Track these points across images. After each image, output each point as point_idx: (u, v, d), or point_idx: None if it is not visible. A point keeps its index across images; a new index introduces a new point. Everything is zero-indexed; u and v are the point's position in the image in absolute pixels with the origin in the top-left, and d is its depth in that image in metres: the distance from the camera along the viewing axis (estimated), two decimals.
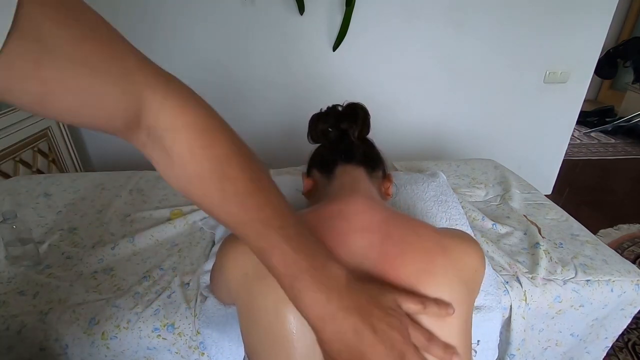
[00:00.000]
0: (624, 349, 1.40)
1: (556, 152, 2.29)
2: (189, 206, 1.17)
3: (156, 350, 0.81)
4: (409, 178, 1.18)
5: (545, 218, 1.15)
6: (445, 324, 0.49)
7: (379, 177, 0.72)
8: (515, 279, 0.90)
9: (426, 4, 1.85)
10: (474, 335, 0.84)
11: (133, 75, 0.33)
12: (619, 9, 2.02)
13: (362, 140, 0.74)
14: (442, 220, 1.02)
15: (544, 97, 2.10)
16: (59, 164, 1.93)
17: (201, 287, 0.86)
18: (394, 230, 0.54)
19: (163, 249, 1.01)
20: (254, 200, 0.39)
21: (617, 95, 4.03)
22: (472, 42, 1.95)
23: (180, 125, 0.36)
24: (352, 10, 1.80)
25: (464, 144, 2.22)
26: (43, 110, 0.30)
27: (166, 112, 0.35)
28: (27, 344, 0.79)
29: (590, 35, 1.95)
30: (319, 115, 0.75)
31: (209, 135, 0.37)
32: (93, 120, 0.33)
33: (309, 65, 1.98)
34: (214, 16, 1.84)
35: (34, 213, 1.17)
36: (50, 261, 0.96)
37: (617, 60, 3.48)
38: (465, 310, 0.52)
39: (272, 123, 2.10)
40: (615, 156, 3.12)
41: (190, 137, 0.36)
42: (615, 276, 0.91)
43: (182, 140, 0.36)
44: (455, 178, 1.37)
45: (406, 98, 2.09)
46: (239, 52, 1.93)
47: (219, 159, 0.37)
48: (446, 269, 0.52)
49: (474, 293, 0.58)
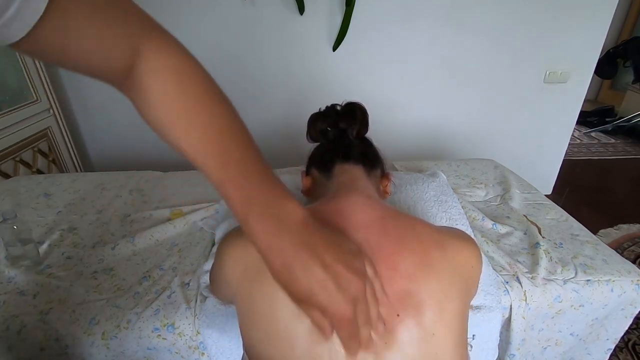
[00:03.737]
0: (624, 349, 1.40)
1: (556, 152, 2.29)
2: (189, 206, 1.18)
3: (156, 351, 0.81)
4: (409, 178, 1.19)
5: (545, 218, 1.15)
6: (442, 318, 0.49)
7: (377, 175, 0.72)
8: (515, 279, 0.90)
9: (426, 4, 1.85)
10: (472, 332, 0.85)
11: (134, 25, 0.39)
12: (619, 9, 2.02)
13: (361, 139, 0.74)
14: (442, 220, 1.02)
15: (544, 97, 2.10)
16: (59, 164, 1.93)
17: (201, 287, 0.86)
18: (391, 226, 0.54)
19: (163, 249, 1.01)
20: (216, 132, 0.42)
21: (617, 95, 4.03)
22: (472, 42, 1.95)
23: (161, 66, 0.41)
24: (352, 10, 1.80)
25: (464, 144, 2.22)
26: (63, 58, 0.36)
27: (151, 58, 0.40)
28: (27, 344, 0.79)
29: (590, 35, 1.95)
30: (317, 114, 0.75)
31: (184, 76, 0.42)
32: (98, 64, 0.38)
33: (309, 65, 1.98)
34: (213, 16, 1.84)
35: (34, 213, 1.17)
36: (50, 261, 0.96)
37: (617, 60, 3.47)
38: (460, 305, 0.53)
39: (272, 123, 2.10)
40: (615, 156, 3.12)
41: (168, 77, 0.41)
42: (616, 276, 0.91)
43: (159, 80, 0.41)
44: (455, 178, 1.37)
45: (406, 98, 2.09)
46: (239, 52, 1.93)
47: (190, 96, 0.42)
48: (443, 263, 0.52)
49: (471, 290, 0.59)
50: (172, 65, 0.41)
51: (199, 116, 0.42)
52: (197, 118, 0.42)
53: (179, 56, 0.42)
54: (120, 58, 0.38)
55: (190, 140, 0.42)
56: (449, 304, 0.50)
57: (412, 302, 0.48)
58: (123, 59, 0.39)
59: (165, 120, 0.42)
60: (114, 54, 0.38)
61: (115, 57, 0.38)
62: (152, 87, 0.40)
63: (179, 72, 0.41)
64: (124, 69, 0.39)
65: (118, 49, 0.38)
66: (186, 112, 0.42)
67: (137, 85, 0.41)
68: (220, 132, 0.42)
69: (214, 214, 1.13)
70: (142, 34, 0.39)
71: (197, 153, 0.42)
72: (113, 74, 0.40)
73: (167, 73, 0.41)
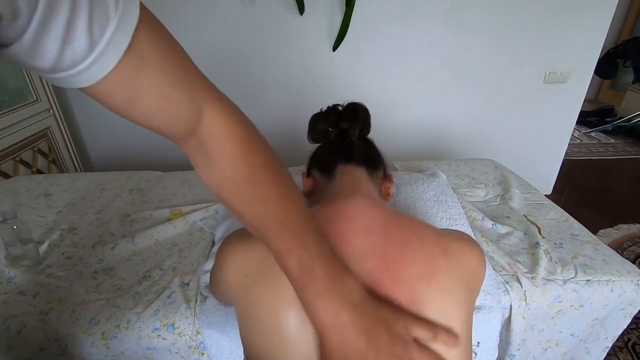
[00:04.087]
0: (624, 349, 1.40)
1: (556, 152, 2.29)
2: (189, 206, 1.18)
3: (156, 351, 0.81)
4: (409, 178, 1.19)
5: (545, 218, 1.15)
6: (447, 326, 0.49)
7: (379, 177, 0.71)
8: (515, 279, 0.90)
9: (426, 4, 1.85)
10: (474, 337, 0.85)
11: (198, 89, 0.40)
12: (619, 9, 2.02)
13: (363, 140, 0.73)
14: (442, 220, 1.02)
15: (544, 97, 2.10)
16: (59, 164, 1.93)
17: (201, 287, 0.86)
18: (395, 231, 0.54)
19: (163, 249, 1.01)
20: (279, 204, 0.43)
21: (617, 95, 4.02)
22: (472, 42, 1.95)
23: (226, 134, 0.42)
24: (352, 11, 1.80)
25: (464, 144, 2.22)
26: (128, 110, 0.36)
27: (216, 122, 0.41)
28: (27, 344, 0.79)
29: (590, 35, 1.95)
30: (319, 115, 0.74)
31: (248, 144, 0.43)
32: (164, 122, 0.39)
33: (309, 65, 1.98)
34: (213, 16, 1.84)
35: (34, 213, 1.17)
36: (50, 261, 0.96)
37: (617, 60, 3.47)
38: (466, 312, 0.52)
39: (272, 123, 2.10)
40: (615, 156, 3.12)
41: (234, 145, 0.42)
42: (615, 276, 0.91)
43: (226, 146, 0.42)
44: (455, 178, 1.37)
45: (406, 98, 2.09)
46: (239, 52, 1.93)
47: (254, 166, 0.43)
48: (448, 271, 0.52)
49: (475, 294, 0.58)
50: (239, 133, 0.43)
51: (263, 189, 0.43)
52: (260, 191, 0.43)
53: (244, 125, 0.44)
54: (186, 119, 0.40)
55: (254, 211, 0.43)
56: (453, 310, 0.50)
57: (415, 310, 0.48)
58: (188, 121, 0.40)
59: (228, 186, 0.43)
60: (181, 114, 0.39)
61: (181, 117, 0.39)
62: (218, 151, 0.42)
63: (245, 139, 0.43)
64: (188, 129, 0.40)
65: (185, 109, 0.39)
66: (252, 182, 0.43)
67: (203, 147, 0.42)
68: (283, 202, 0.44)
69: (214, 214, 1.13)
70: (207, 98, 0.41)
71: (259, 222, 0.43)
72: (177, 132, 0.41)
73: (235, 140, 0.42)
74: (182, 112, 0.39)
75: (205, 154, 0.42)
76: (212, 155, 0.42)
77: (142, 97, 0.35)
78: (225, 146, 0.42)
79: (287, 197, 0.44)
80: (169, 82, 0.36)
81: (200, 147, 0.42)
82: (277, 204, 0.43)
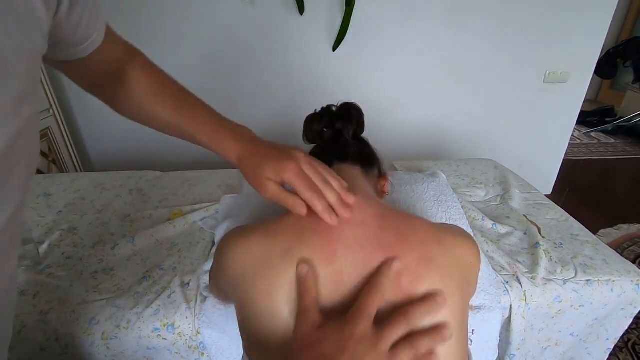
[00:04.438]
0: (624, 349, 1.40)
1: (556, 152, 2.29)
2: (189, 206, 1.18)
3: (156, 351, 0.81)
4: (409, 178, 1.18)
5: (545, 218, 1.15)
6: (441, 315, 0.49)
7: (375, 175, 0.72)
8: (515, 279, 0.90)
9: (426, 4, 1.85)
10: (472, 330, 0.85)
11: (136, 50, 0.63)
12: (619, 9, 2.02)
13: (357, 139, 0.75)
14: (442, 220, 1.02)
15: (544, 97, 2.10)
16: (59, 164, 1.93)
17: (201, 287, 0.86)
18: (389, 223, 0.55)
19: (163, 249, 1.01)
20: (204, 110, 0.62)
21: (617, 95, 4.02)
22: (472, 42, 1.95)
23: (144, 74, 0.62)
24: (352, 11, 1.80)
25: (464, 144, 2.22)
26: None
27: (136, 68, 0.61)
28: (27, 344, 0.79)
29: (590, 35, 1.95)
30: (313, 115, 0.75)
31: (162, 79, 0.63)
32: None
33: (309, 65, 1.98)
34: (213, 16, 1.84)
35: (34, 213, 1.17)
36: (50, 261, 0.96)
37: (617, 60, 3.47)
38: (461, 301, 0.53)
39: (271, 123, 2.10)
40: (615, 156, 3.12)
41: (150, 79, 0.62)
42: (615, 276, 0.91)
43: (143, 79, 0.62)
44: (455, 178, 1.37)
45: (406, 98, 2.09)
46: (239, 52, 1.93)
47: (175, 93, 0.63)
48: (443, 257, 0.52)
49: (471, 286, 0.59)
50: (153, 73, 0.63)
51: (186, 103, 0.63)
52: (184, 104, 0.63)
53: (154, 69, 0.64)
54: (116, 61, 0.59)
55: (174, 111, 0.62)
56: (450, 297, 0.51)
57: (414, 293, 0.49)
58: (118, 62, 0.59)
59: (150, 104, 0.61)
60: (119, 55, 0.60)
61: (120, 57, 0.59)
62: (140, 82, 0.61)
63: (158, 73, 0.63)
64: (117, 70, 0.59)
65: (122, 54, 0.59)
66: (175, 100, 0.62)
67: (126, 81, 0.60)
68: (204, 109, 0.63)
69: (214, 214, 1.13)
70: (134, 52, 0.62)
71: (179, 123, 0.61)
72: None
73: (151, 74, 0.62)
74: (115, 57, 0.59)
75: (128, 84, 0.60)
76: (133, 85, 0.60)
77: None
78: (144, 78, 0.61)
79: (203, 105, 0.63)
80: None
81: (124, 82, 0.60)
82: (202, 110, 0.62)
